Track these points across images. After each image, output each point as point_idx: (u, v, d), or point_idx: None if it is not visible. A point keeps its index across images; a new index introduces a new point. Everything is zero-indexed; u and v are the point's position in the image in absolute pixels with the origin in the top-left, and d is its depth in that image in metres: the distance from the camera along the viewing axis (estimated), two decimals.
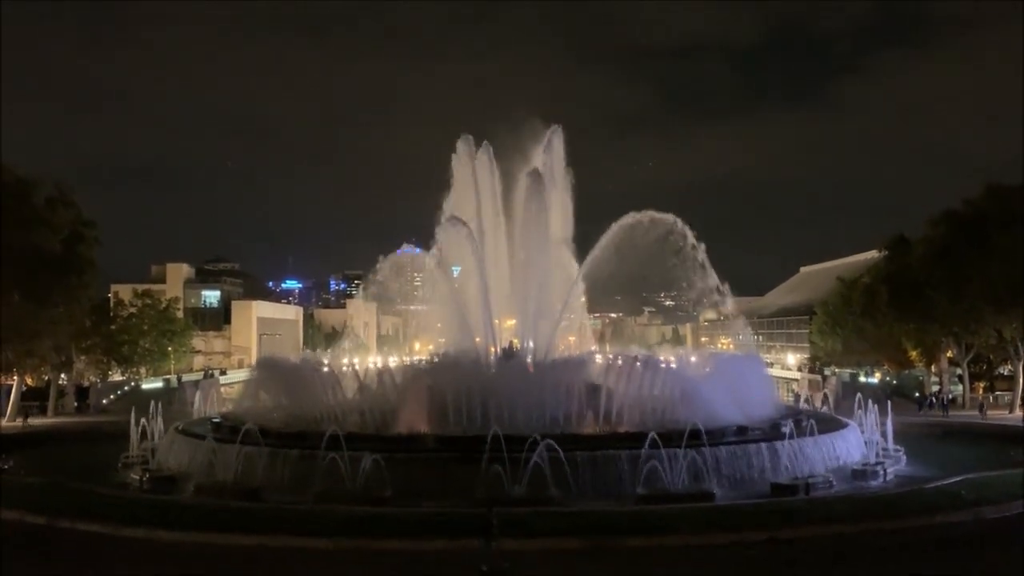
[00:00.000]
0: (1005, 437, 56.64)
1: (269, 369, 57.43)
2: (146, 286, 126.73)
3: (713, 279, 54.06)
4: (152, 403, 55.62)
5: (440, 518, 31.87)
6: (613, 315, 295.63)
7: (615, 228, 55.60)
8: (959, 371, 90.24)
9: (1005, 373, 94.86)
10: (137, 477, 44.05)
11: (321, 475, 37.83)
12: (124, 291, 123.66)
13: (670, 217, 54.29)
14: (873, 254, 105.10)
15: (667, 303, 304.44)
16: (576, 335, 68.32)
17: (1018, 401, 78.83)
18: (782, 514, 32.62)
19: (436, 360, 54.80)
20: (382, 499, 35.91)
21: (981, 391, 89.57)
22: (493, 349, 56.13)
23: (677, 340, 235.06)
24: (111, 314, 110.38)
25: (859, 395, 54.88)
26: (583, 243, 60.96)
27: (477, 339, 56.14)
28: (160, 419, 54.12)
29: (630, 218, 55.15)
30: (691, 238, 53.79)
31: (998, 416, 73.88)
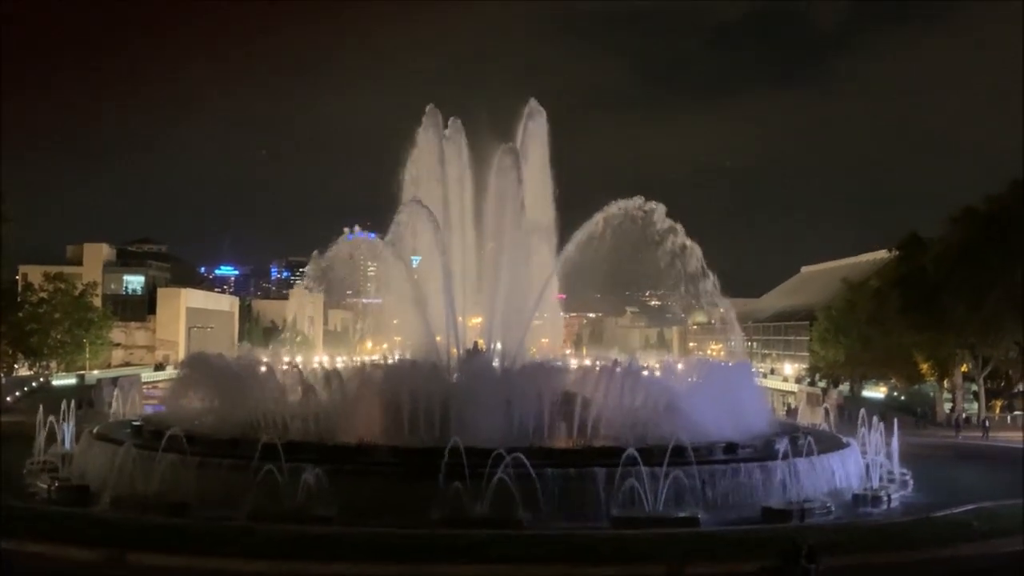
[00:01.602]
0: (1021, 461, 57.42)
1: (200, 367, 57.07)
2: (59, 268, 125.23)
3: (703, 276, 54.43)
4: (64, 402, 55.09)
5: (391, 540, 31.87)
6: (592, 315, 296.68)
7: (596, 218, 55.75)
8: (974, 387, 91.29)
9: None
10: (45, 486, 43.62)
11: (256, 489, 37.68)
12: (34, 273, 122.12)
13: (658, 207, 54.54)
14: (882, 254, 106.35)
15: (652, 303, 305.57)
16: (550, 336, 68.58)
17: None
18: (774, 543, 32.93)
19: (390, 361, 54.75)
20: (325, 518, 35.85)
21: (998, 409, 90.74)
22: (456, 350, 56.15)
23: (662, 345, 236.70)
24: (18, 299, 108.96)
25: (863, 412, 55.51)
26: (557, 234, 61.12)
27: (438, 338, 56.12)
28: (72, 421, 53.63)
29: (613, 207, 55.32)
30: (680, 231, 54.11)
31: (1017, 440, 74.44)
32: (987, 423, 78.47)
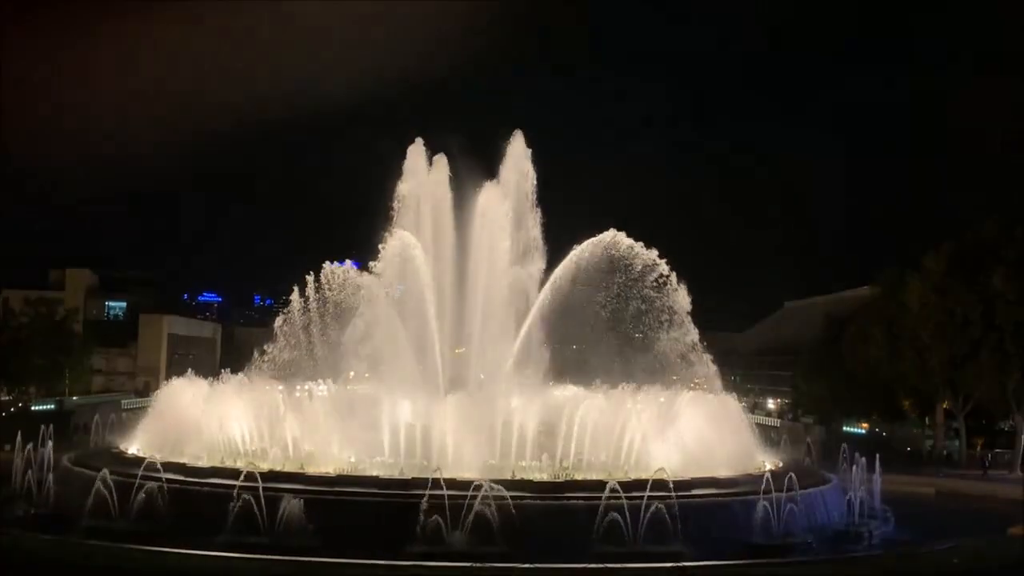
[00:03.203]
0: (1005, 499, 57.57)
1: (180, 394, 56.66)
2: (41, 293, 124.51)
3: (684, 315, 54.74)
4: (42, 428, 54.44)
5: (369, 572, 31.62)
6: (574, 347, 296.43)
7: (579, 249, 55.98)
8: (955, 424, 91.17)
9: (1006, 429, 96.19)
10: (21, 514, 43.05)
11: (235, 518, 37.31)
12: (15, 298, 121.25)
13: (638, 244, 54.83)
14: (865, 290, 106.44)
15: (636, 335, 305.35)
16: (532, 367, 68.35)
17: (1019, 460, 79.72)
18: None
19: (373, 390, 54.54)
20: (304, 548, 35.50)
21: (980, 447, 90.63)
22: (439, 380, 55.89)
23: (646, 376, 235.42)
24: None
25: (844, 448, 55.48)
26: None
27: (421, 368, 55.89)
28: (50, 447, 52.95)
29: (597, 240, 55.55)
30: (663, 266, 54.45)
31: (998, 475, 74.72)
32: (986, 461, 78.17)
